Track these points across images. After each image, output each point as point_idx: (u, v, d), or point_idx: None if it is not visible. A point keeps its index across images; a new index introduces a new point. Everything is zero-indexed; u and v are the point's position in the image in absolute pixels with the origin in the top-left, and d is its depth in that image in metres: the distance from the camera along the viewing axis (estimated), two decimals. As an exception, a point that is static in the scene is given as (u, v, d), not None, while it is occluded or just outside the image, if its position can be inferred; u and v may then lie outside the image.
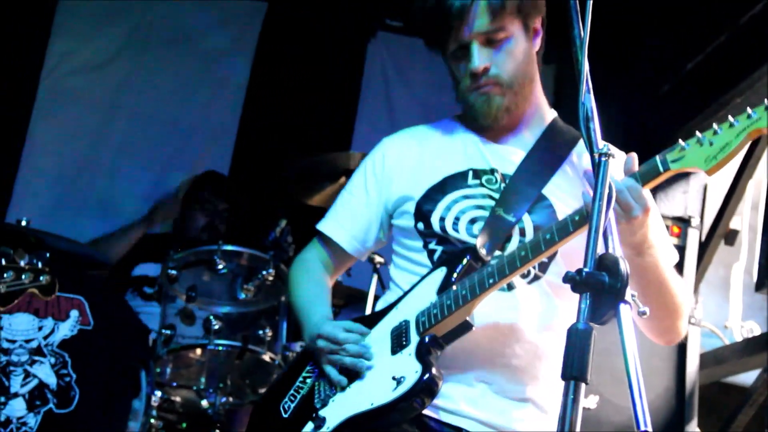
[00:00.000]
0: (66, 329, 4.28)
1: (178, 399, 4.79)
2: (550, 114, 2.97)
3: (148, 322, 4.82)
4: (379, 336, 2.75)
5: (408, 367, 2.58)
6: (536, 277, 2.73)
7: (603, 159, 1.94)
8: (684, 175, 5.54)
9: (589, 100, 2.07)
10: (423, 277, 2.77)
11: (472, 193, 2.82)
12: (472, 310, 2.60)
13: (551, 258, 2.74)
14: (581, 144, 2.86)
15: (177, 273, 4.69)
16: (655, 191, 5.54)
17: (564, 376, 1.80)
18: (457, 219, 2.78)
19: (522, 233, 2.74)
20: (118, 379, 4.33)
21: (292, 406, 2.81)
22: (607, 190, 1.91)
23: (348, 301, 5.27)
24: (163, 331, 4.64)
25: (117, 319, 4.43)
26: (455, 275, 2.67)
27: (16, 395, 4.14)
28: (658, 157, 2.38)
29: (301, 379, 2.86)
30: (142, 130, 6.55)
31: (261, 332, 4.66)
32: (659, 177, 2.39)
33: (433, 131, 3.04)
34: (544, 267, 2.74)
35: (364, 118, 6.86)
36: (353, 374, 2.70)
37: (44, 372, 4.20)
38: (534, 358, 2.72)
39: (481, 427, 2.67)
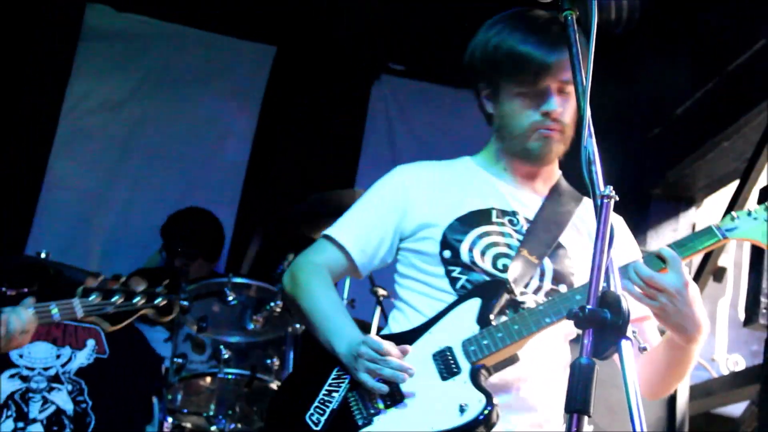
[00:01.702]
0: (83, 357, 4.28)
1: (188, 425, 4.76)
2: (558, 171, 3.00)
3: (158, 348, 4.81)
4: (420, 357, 2.68)
5: (469, 395, 2.57)
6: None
7: (605, 201, 1.94)
8: (673, 213, 5.60)
9: (591, 144, 2.06)
10: (454, 305, 2.74)
11: (497, 230, 2.82)
12: (524, 345, 2.62)
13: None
14: (582, 204, 2.94)
15: (189, 304, 4.67)
16: (645, 229, 5.60)
17: (567, 409, 1.79)
18: (482, 253, 2.78)
19: (542, 275, 2.77)
20: (132, 406, 4.33)
21: (323, 419, 2.69)
22: (608, 230, 1.91)
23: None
24: (175, 359, 4.62)
25: (131, 348, 4.44)
26: (493, 307, 2.67)
27: (34, 421, 4.14)
28: (714, 228, 2.59)
29: (326, 391, 2.74)
30: (155, 166, 6.57)
31: (269, 361, 4.65)
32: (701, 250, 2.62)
33: (450, 166, 3.03)
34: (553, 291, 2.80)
35: (368, 158, 6.88)
36: (393, 394, 2.63)
37: (62, 399, 4.21)
38: (543, 386, 2.73)
39: None
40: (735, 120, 4.86)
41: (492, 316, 2.65)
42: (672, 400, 4.39)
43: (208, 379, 4.65)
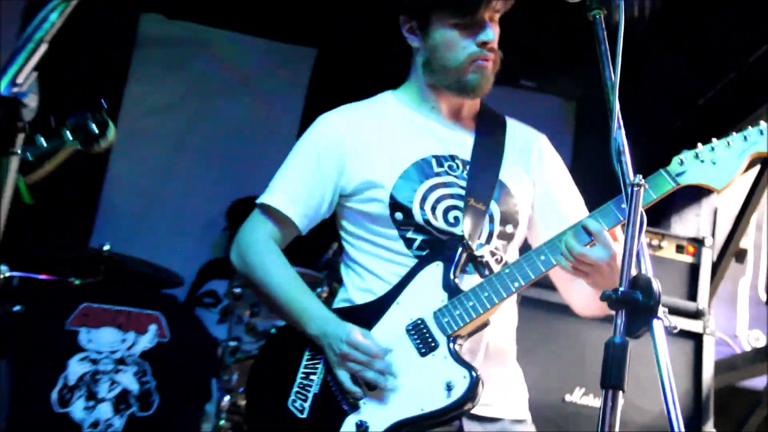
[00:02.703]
0: (146, 341, 4.32)
1: (243, 403, 4.80)
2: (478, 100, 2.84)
3: (214, 332, 4.86)
4: (393, 333, 2.55)
5: (453, 371, 2.47)
6: (500, 261, 2.68)
7: (635, 189, 1.95)
8: (697, 199, 5.56)
9: (620, 135, 2.07)
10: (415, 271, 2.60)
11: (441, 182, 2.67)
12: (496, 311, 2.54)
13: (509, 238, 2.73)
14: (510, 125, 2.84)
15: (242, 291, 4.73)
16: (669, 213, 5.57)
17: (603, 385, 1.80)
18: (433, 209, 2.63)
19: (491, 220, 2.66)
20: (192, 386, 4.36)
21: (307, 406, 2.56)
22: (639, 218, 1.92)
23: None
24: (230, 342, 4.67)
25: (190, 332, 4.47)
26: (455, 268, 2.56)
27: (103, 400, 4.19)
28: (663, 174, 2.48)
29: (302, 373, 2.60)
30: (206, 164, 6.60)
31: (316, 343, 4.68)
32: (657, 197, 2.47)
33: (375, 106, 2.85)
34: (507, 243, 2.72)
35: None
36: (369, 385, 2.51)
37: (127, 379, 4.25)
38: (504, 342, 2.69)
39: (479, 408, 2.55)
40: (752, 110, 4.83)
41: (456, 279, 2.54)
42: (698, 375, 4.38)
43: (261, 360, 4.68)
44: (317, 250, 4.99)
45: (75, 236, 5.91)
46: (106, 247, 4.75)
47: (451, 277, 2.55)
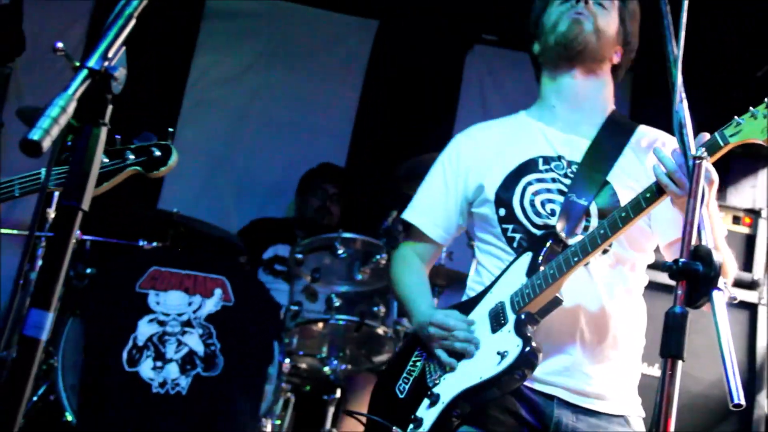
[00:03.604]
0: (211, 305, 4.36)
1: (303, 365, 4.85)
2: (610, 108, 2.90)
3: (276, 296, 4.89)
4: (479, 319, 2.70)
5: (510, 342, 2.55)
6: (605, 252, 2.69)
7: (697, 161, 1.91)
8: (753, 170, 5.45)
9: (682, 109, 2.03)
10: (510, 264, 2.71)
11: (543, 177, 2.76)
12: (561, 286, 2.57)
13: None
14: (639, 131, 2.85)
15: (303, 257, 4.75)
16: (725, 185, 5.49)
17: (663, 354, 1.78)
18: (532, 203, 2.73)
19: (588, 216, 2.69)
20: (255, 348, 4.39)
21: (407, 387, 2.78)
22: (700, 190, 1.89)
23: (449, 282, 5.27)
24: (291, 307, 4.70)
25: (254, 296, 4.49)
26: (541, 258, 2.62)
27: (170, 360, 4.24)
28: (716, 134, 2.36)
29: (411, 363, 2.82)
30: (269, 132, 6.64)
31: (375, 309, 4.70)
32: (721, 150, 2.36)
33: (501, 124, 2.97)
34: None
35: (462, 121, 6.82)
36: (461, 356, 2.66)
37: (194, 341, 4.29)
38: (609, 323, 2.68)
39: (571, 396, 2.64)
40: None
41: (541, 267, 2.60)
42: (752, 345, 4.32)
43: (321, 324, 4.72)
44: (377, 218, 5.01)
45: (143, 202, 5.98)
46: (175, 211, 4.81)
47: (537, 264, 2.63)
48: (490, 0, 6.46)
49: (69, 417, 4.22)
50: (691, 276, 1.81)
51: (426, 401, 2.67)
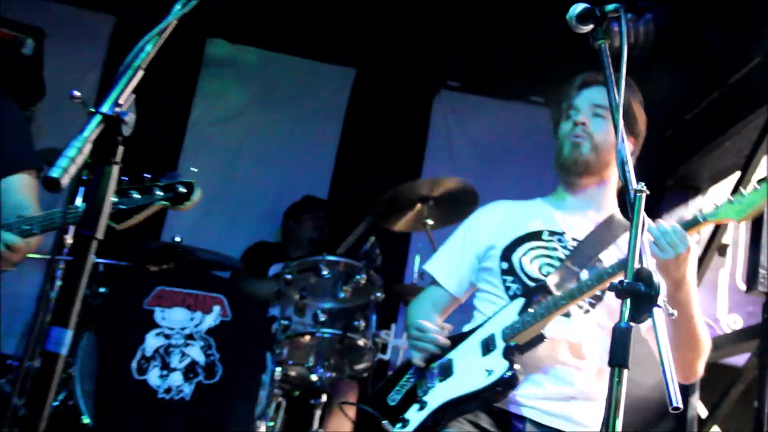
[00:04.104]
0: (211, 320, 4.33)
1: (293, 374, 4.80)
2: (614, 209, 2.97)
3: (270, 311, 4.85)
4: (471, 345, 2.78)
5: (497, 363, 2.64)
6: (587, 312, 2.77)
7: (638, 194, 1.93)
8: (684, 201, 5.50)
9: (623, 149, 2.05)
10: (504, 306, 2.79)
11: (546, 245, 2.85)
12: (546, 324, 2.65)
13: (599, 299, 2.78)
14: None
15: (292, 277, 4.73)
16: (660, 215, 5.52)
17: (611, 364, 1.79)
18: (531, 261, 2.82)
19: (577, 280, 2.76)
20: (251, 359, 4.35)
21: (398, 397, 2.83)
22: (641, 221, 1.90)
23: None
24: (282, 321, 4.67)
25: (249, 312, 4.46)
26: (532, 303, 2.71)
27: (174, 369, 4.20)
28: (697, 213, 2.52)
29: (405, 379, 2.88)
30: (262, 167, 6.64)
31: (356, 323, 4.65)
32: (699, 226, 2.52)
33: (519, 204, 3.08)
34: (593, 305, 2.78)
35: (430, 157, 6.85)
36: (448, 373, 2.73)
37: (195, 352, 4.26)
38: (583, 364, 2.75)
39: (544, 418, 2.69)
40: (734, 123, 4.77)
41: (532, 308, 2.69)
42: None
43: (308, 337, 4.67)
44: (358, 243, 5.00)
45: (148, 231, 5.95)
46: (178, 239, 4.79)
47: (528, 307, 2.71)
48: (455, 49, 6.51)
49: (86, 420, 4.18)
50: (634, 294, 1.82)
51: (415, 406, 2.72)
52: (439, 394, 2.70)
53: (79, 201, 4.63)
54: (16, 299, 5.43)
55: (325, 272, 4.67)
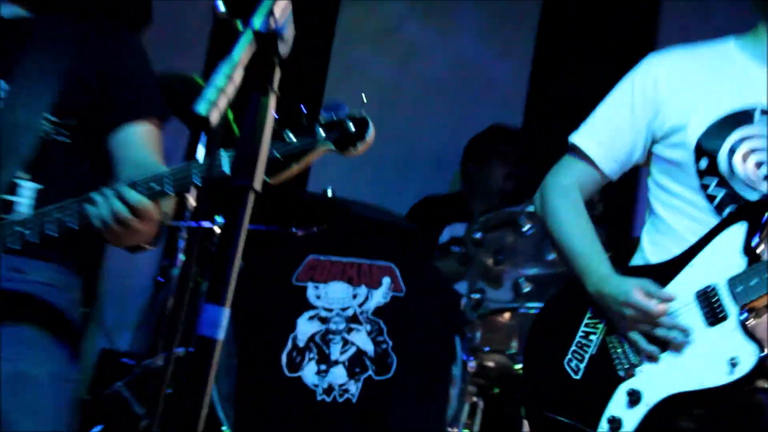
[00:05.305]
0: (379, 296, 4.37)
1: (491, 364, 4.80)
2: None
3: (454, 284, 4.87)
4: (681, 297, 2.65)
5: (739, 346, 2.52)
6: None
7: None
8: None
9: None
10: (717, 232, 2.65)
11: (759, 133, 2.69)
12: None
13: None
14: None
15: (482, 236, 4.72)
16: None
17: None
18: (743, 159, 2.67)
19: None
20: (435, 345, 4.36)
21: (582, 366, 2.74)
22: None
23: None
24: (472, 295, 4.67)
25: (428, 284, 4.47)
26: (759, 232, 2.57)
27: (336, 363, 4.28)
28: None
29: (582, 333, 2.78)
30: (431, 94, 6.66)
31: (572, 293, 4.63)
32: None
33: (708, 54, 2.89)
34: None
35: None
36: (663, 343, 2.63)
37: (361, 339, 4.32)
38: None
39: None
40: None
41: (761, 245, 2.56)
42: None
43: (508, 314, 4.70)
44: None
45: (294, 181, 6.09)
46: (329, 192, 4.85)
47: (755, 241, 2.58)
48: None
49: (226, 431, 4.33)
50: None
51: (624, 398, 2.64)
52: (654, 383, 2.62)
53: (200, 150, 4.81)
54: (124, 281, 5.69)
55: (526, 228, 4.64)
